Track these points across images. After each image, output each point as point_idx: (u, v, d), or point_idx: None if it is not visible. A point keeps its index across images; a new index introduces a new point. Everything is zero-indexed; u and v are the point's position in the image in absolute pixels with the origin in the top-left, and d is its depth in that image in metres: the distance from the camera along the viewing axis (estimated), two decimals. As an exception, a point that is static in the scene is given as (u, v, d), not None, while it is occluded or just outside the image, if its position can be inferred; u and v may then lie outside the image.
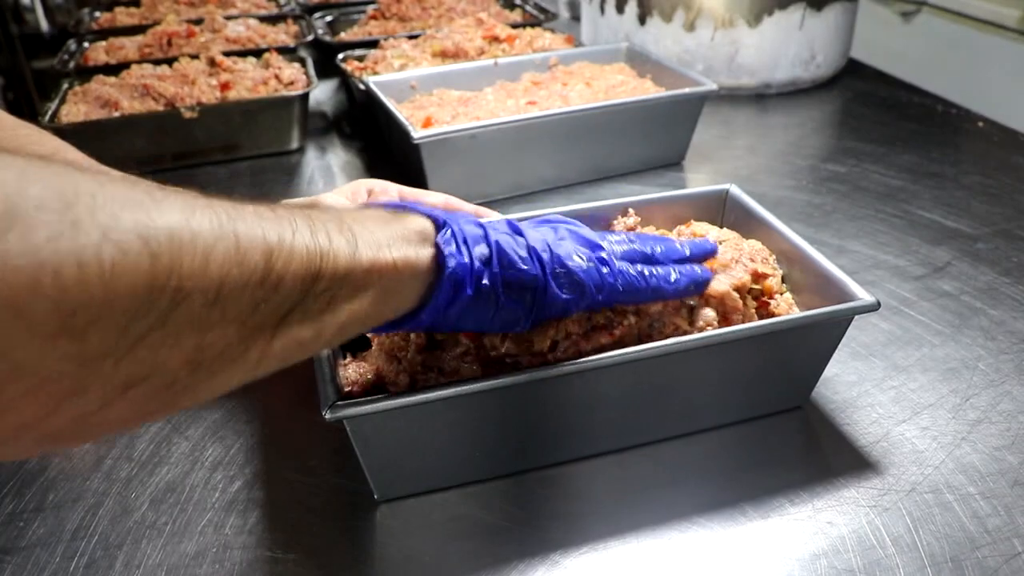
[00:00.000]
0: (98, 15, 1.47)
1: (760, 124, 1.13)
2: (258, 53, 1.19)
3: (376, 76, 1.03)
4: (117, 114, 1.00)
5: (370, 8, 1.41)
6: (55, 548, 0.49)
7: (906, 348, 0.65)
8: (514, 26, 1.23)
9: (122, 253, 0.27)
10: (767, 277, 0.57)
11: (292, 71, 1.12)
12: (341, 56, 1.18)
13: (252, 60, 1.16)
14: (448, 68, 1.06)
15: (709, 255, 0.56)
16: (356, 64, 1.16)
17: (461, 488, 0.53)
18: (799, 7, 1.16)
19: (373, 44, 1.21)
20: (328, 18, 1.39)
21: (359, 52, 1.19)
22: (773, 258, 0.60)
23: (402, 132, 0.85)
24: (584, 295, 0.48)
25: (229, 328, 0.32)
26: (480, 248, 0.44)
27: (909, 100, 1.17)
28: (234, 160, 1.05)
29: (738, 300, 0.54)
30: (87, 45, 1.27)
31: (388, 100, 0.93)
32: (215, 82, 1.06)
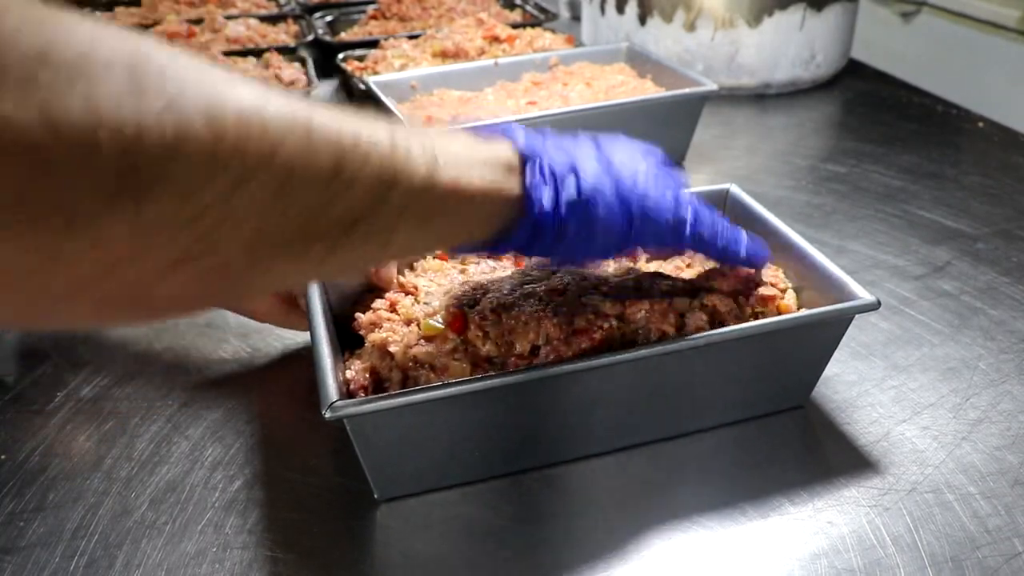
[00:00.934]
0: (98, 15, 1.47)
1: (760, 124, 1.13)
2: (258, 53, 1.18)
3: (376, 76, 1.03)
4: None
5: (370, 8, 1.41)
6: (55, 548, 0.49)
7: (906, 348, 0.65)
8: (514, 26, 1.23)
9: (185, 126, 0.27)
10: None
11: (292, 71, 1.12)
12: (341, 56, 1.18)
13: (252, 60, 1.16)
14: (448, 68, 1.06)
15: (760, 261, 0.55)
16: (356, 64, 1.16)
17: (461, 488, 0.52)
18: (799, 7, 1.16)
19: (373, 44, 1.21)
20: (328, 18, 1.39)
21: (359, 52, 1.19)
22: (781, 272, 0.60)
23: (402, 132, 0.85)
24: (663, 245, 0.49)
25: (292, 224, 0.32)
26: (569, 189, 0.42)
27: (909, 100, 1.17)
28: (234, 160, 1.05)
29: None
30: (87, 45, 1.27)
31: (389, 100, 0.93)
32: (215, 82, 1.06)
